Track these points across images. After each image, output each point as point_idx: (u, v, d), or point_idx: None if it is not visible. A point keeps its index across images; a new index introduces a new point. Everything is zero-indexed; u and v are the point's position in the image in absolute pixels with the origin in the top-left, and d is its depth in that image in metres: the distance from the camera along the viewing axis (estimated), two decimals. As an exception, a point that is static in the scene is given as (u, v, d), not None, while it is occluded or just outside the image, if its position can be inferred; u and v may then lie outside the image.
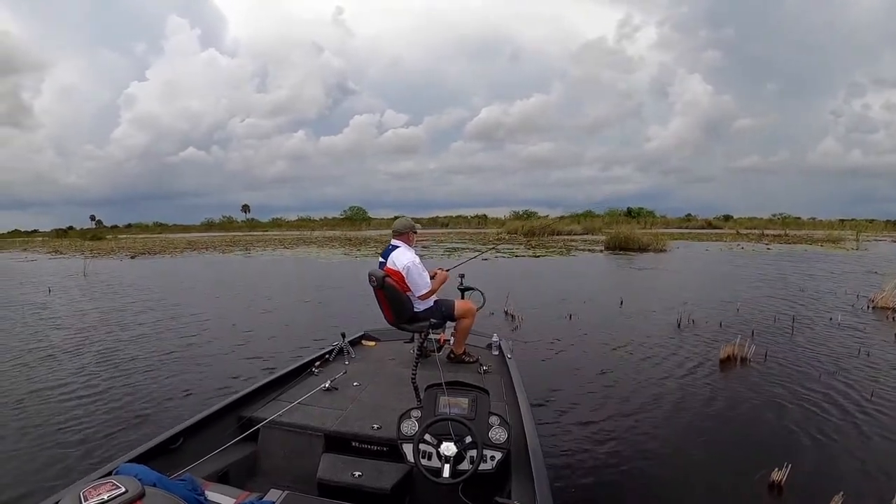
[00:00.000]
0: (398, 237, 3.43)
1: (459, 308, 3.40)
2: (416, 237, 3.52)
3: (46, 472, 3.01)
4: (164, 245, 32.55)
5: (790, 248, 21.29)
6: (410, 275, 3.27)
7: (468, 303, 3.54)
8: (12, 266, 20.43)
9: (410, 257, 3.31)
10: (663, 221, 50.12)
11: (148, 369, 5.08)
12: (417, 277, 3.28)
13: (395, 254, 3.34)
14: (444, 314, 3.40)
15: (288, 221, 75.05)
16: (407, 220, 3.49)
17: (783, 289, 9.93)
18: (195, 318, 7.92)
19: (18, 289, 12.33)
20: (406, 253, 3.34)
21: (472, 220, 64.33)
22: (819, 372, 4.68)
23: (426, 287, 3.33)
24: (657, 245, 20.76)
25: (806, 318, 7.12)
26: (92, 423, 3.72)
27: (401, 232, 3.43)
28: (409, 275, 3.27)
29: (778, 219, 52.73)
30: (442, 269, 3.71)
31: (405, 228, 3.44)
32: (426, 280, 3.33)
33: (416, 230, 3.51)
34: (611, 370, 4.91)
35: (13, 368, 5.21)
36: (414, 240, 3.50)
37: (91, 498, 1.09)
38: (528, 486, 1.93)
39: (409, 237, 3.45)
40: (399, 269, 3.28)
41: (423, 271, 3.33)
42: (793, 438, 3.36)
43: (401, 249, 3.37)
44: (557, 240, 28.69)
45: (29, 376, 4.92)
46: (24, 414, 3.93)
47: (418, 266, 3.30)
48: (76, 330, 7.14)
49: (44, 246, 37.19)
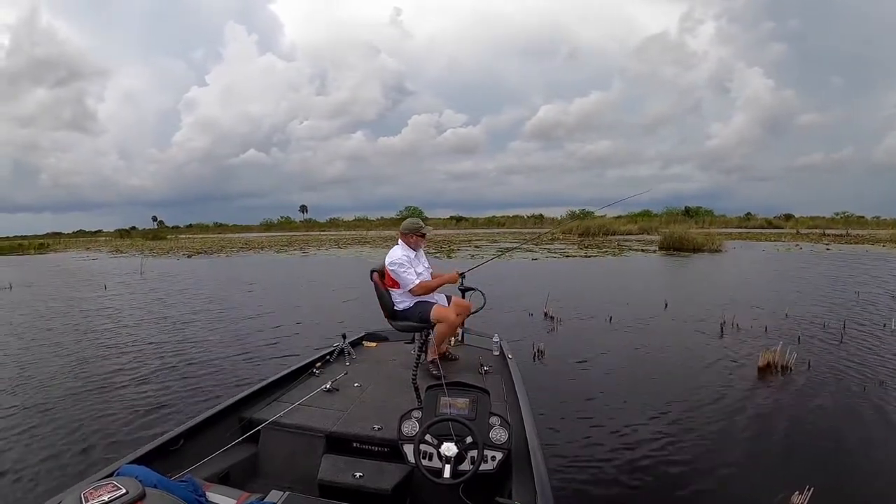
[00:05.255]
0: (400, 236, 3.62)
1: (436, 313, 3.40)
2: (421, 240, 3.65)
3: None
4: (222, 245, 34.16)
5: (851, 249, 20.00)
6: (393, 271, 3.46)
7: (449, 310, 3.51)
8: (75, 264, 22.06)
9: (397, 255, 3.48)
10: (721, 221, 48.73)
11: (175, 363, 5.36)
12: (399, 274, 3.45)
13: (390, 251, 3.56)
14: (422, 317, 3.44)
15: (345, 221, 77.51)
16: (410, 222, 3.66)
17: (838, 292, 9.31)
18: (233, 314, 8.32)
19: (78, 285, 13.28)
20: (395, 251, 3.53)
21: (528, 220, 64.34)
22: (866, 385, 4.33)
23: (409, 284, 3.45)
24: (712, 245, 20.22)
25: (858, 324, 6.63)
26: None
27: (402, 232, 3.62)
28: (390, 270, 3.47)
29: (840, 218, 49.66)
30: (457, 271, 3.73)
31: (405, 229, 3.62)
32: (408, 278, 3.44)
33: (423, 233, 3.64)
34: (638, 374, 4.76)
35: (69, 359, 5.63)
36: (417, 241, 3.62)
37: (92, 499, 1.12)
38: (528, 487, 1.91)
39: (410, 238, 3.60)
40: (386, 265, 3.50)
41: (407, 270, 3.45)
42: (824, 458, 3.11)
43: (395, 248, 3.57)
44: (612, 240, 28.22)
45: (84, 367, 5.30)
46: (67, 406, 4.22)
47: (399, 263, 3.44)
48: (124, 325, 7.63)
49: (106, 245, 39.85)
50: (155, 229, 71.11)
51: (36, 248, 37.77)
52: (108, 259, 24.56)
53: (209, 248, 30.18)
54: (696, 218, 47.85)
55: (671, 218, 44.31)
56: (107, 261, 23.37)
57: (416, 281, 3.45)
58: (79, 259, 25.49)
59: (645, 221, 40.74)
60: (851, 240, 25.44)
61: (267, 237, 47.06)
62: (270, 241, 38.31)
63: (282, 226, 76.18)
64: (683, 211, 53.21)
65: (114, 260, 23.67)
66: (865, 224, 44.92)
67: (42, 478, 2.95)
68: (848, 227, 37.16)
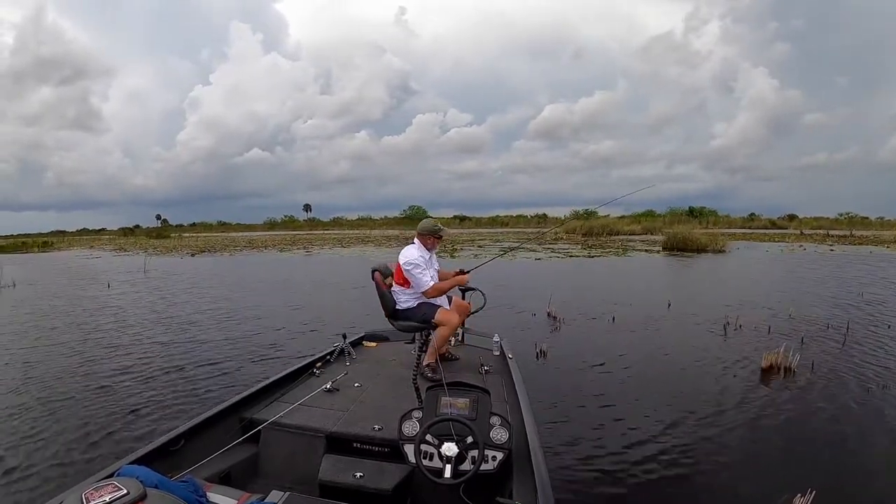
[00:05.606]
0: (417, 236, 3.56)
1: (441, 316, 3.39)
2: (437, 241, 3.59)
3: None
4: (225, 244, 34.26)
5: (855, 250, 19.94)
6: (408, 272, 3.41)
7: (452, 312, 3.49)
8: (78, 262, 22.14)
9: (413, 256, 3.43)
10: (725, 221, 48.71)
11: (175, 354, 5.40)
12: (414, 275, 3.39)
13: (404, 250, 3.50)
14: (424, 318, 3.42)
15: (349, 221, 77.34)
16: (428, 224, 3.60)
17: (841, 293, 9.27)
18: (231, 310, 8.35)
19: (81, 283, 13.34)
20: (411, 251, 3.47)
21: (531, 219, 64.13)
22: (869, 387, 4.31)
23: (423, 286, 3.40)
24: (715, 246, 20.24)
25: (862, 325, 6.60)
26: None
27: (419, 233, 3.56)
28: (405, 270, 3.42)
29: (844, 218, 49.50)
30: (464, 270, 3.72)
31: (423, 230, 3.55)
32: (423, 280, 3.39)
33: (440, 235, 3.58)
34: (640, 375, 4.75)
35: (71, 353, 5.66)
36: (434, 243, 3.58)
37: (93, 500, 1.12)
38: (529, 486, 1.91)
39: (427, 239, 3.55)
40: (400, 265, 3.44)
41: (423, 271, 3.40)
42: (826, 461, 3.09)
43: (411, 247, 3.51)
44: (616, 240, 28.25)
45: (91, 362, 5.34)
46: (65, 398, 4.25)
47: (416, 264, 3.39)
48: (127, 324, 7.66)
49: (110, 244, 39.99)
50: (158, 228, 71.35)
51: (39, 247, 37.88)
52: (111, 257, 24.64)
53: (212, 247, 30.30)
54: (700, 218, 47.72)
55: (675, 218, 44.23)
56: (110, 259, 23.45)
57: (431, 283, 3.41)
58: (82, 257, 25.57)
59: (649, 222, 40.85)
60: (855, 240, 25.35)
61: (270, 236, 47.14)
62: (274, 240, 38.39)
63: (285, 225, 76.26)
64: (687, 211, 53.06)
65: (117, 258, 23.74)
66: (870, 225, 44.76)
67: (43, 478, 2.95)
68: (852, 228, 37.06)
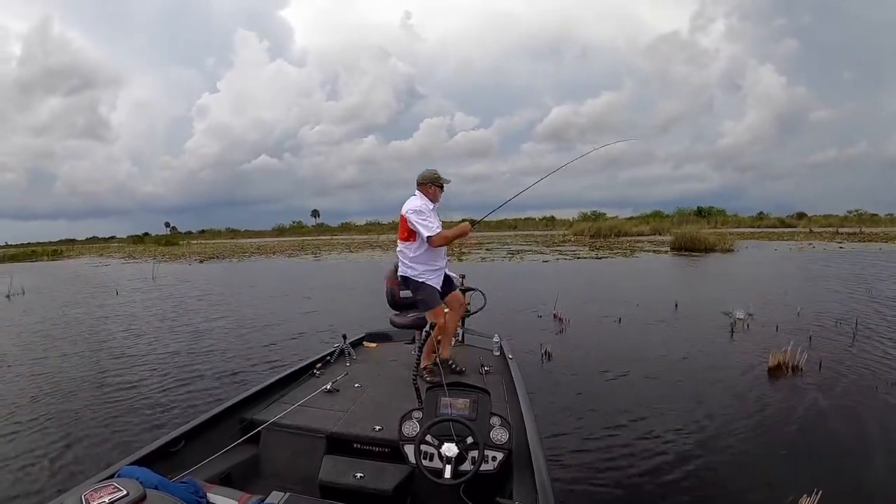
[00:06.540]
0: (418, 187, 3.38)
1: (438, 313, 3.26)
2: (440, 191, 3.41)
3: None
4: (234, 250, 34.58)
5: (864, 247, 19.79)
6: (411, 218, 3.20)
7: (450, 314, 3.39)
8: (87, 270, 22.43)
9: (416, 203, 3.25)
10: (734, 220, 48.53)
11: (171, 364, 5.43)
12: (418, 222, 3.17)
13: (408, 201, 3.31)
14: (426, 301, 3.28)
15: (357, 226, 77.65)
16: (428, 171, 3.41)
17: (850, 291, 9.18)
18: (242, 319, 8.39)
19: (90, 291, 13.48)
20: (414, 200, 3.29)
21: (539, 221, 63.97)
22: (877, 386, 4.25)
23: (430, 231, 3.16)
24: (724, 245, 20.20)
25: (871, 323, 6.51)
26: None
27: (420, 182, 3.37)
28: (410, 218, 3.21)
29: (853, 216, 49.03)
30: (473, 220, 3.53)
31: (424, 179, 3.35)
32: (429, 225, 3.17)
33: (441, 183, 3.38)
34: (645, 375, 4.72)
35: (83, 361, 5.71)
36: (436, 192, 3.39)
37: (93, 501, 1.12)
38: (529, 487, 1.91)
39: (429, 189, 3.36)
40: (404, 214, 3.25)
41: (428, 216, 3.20)
42: (833, 461, 3.04)
43: (412, 197, 3.33)
44: (624, 241, 28.25)
45: (100, 366, 5.38)
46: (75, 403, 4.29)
47: (419, 211, 3.20)
48: (135, 331, 7.74)
49: (119, 251, 40.45)
50: (167, 235, 72.07)
51: (49, 255, 38.43)
52: (120, 265, 24.90)
53: (221, 253, 30.58)
54: (709, 218, 47.61)
55: (683, 218, 44.20)
56: (119, 267, 23.71)
57: (436, 228, 3.18)
58: (91, 265, 25.87)
59: (657, 222, 40.78)
60: (865, 238, 25.16)
61: (279, 242, 47.50)
62: (282, 245, 38.70)
63: (294, 230, 76.88)
64: (696, 211, 52.94)
65: (126, 266, 24.00)
66: (879, 222, 44.30)
67: (43, 478, 2.98)
68: (861, 225, 36.82)
